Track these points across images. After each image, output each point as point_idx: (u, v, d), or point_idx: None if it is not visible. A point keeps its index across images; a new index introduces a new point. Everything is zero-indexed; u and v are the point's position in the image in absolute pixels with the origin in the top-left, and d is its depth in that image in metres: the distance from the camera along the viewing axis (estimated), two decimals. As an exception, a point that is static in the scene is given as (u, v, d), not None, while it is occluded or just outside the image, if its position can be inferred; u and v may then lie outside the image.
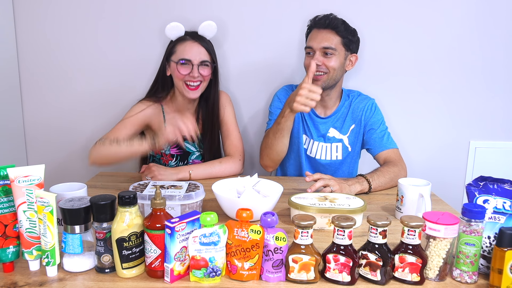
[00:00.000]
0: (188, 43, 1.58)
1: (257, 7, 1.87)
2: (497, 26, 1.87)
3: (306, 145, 1.73)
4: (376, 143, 1.65)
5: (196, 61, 1.55)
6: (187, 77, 1.56)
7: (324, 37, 1.56)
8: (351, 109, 1.69)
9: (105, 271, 0.92)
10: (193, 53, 1.56)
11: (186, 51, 1.56)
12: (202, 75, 1.57)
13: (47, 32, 1.88)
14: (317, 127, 1.70)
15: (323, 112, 1.71)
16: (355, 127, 1.69)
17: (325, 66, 1.56)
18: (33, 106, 1.96)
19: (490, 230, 0.94)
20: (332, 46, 1.55)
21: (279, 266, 0.90)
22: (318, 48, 1.56)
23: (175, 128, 1.36)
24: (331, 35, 1.56)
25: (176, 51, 1.58)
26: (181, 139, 1.37)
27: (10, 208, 0.92)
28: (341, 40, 1.56)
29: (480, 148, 1.99)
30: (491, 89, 1.94)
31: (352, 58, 1.63)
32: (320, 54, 1.56)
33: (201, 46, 1.58)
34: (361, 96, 1.73)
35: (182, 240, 0.88)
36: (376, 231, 0.89)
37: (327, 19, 1.57)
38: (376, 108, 1.70)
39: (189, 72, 1.55)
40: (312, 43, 1.58)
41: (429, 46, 1.89)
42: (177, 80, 1.60)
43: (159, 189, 0.92)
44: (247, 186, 1.23)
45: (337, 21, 1.56)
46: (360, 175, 1.48)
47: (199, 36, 1.61)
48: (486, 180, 0.99)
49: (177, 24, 1.59)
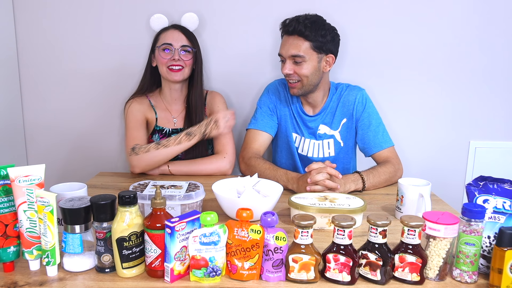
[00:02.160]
0: (170, 30, 1.68)
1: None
2: (497, 26, 1.87)
3: (297, 143, 1.71)
4: (371, 142, 1.63)
5: (177, 45, 1.63)
6: (169, 61, 1.62)
7: (292, 44, 1.51)
8: (340, 102, 1.66)
9: (105, 270, 0.92)
10: (174, 38, 1.64)
11: (168, 37, 1.65)
12: (183, 60, 1.63)
13: (47, 32, 1.88)
14: (307, 125, 1.68)
15: (311, 110, 1.69)
16: (347, 121, 1.66)
17: (296, 74, 1.54)
18: (33, 106, 1.96)
19: (490, 230, 0.94)
20: (300, 53, 1.50)
21: (279, 266, 0.90)
22: (287, 56, 1.53)
23: (227, 125, 1.56)
24: (298, 41, 1.50)
25: (159, 39, 1.68)
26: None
27: (10, 208, 0.92)
28: (310, 44, 1.50)
29: (480, 148, 1.99)
30: (491, 89, 1.94)
31: (329, 59, 1.57)
32: (290, 62, 1.53)
33: (181, 33, 1.66)
34: (350, 87, 1.68)
35: (182, 239, 0.88)
36: (376, 231, 0.89)
37: (292, 24, 1.50)
38: (367, 100, 1.66)
39: (171, 56, 1.62)
40: (281, 51, 1.55)
41: (429, 46, 1.89)
42: (161, 66, 1.66)
43: (159, 189, 0.92)
44: (247, 186, 1.23)
45: (303, 26, 1.49)
46: (357, 172, 1.48)
47: (181, 26, 1.71)
48: (486, 180, 0.99)
49: (160, 15, 1.72)
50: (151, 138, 1.71)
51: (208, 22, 1.87)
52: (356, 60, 1.90)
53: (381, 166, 1.55)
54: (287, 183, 1.43)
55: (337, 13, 1.78)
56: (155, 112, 1.71)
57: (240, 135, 1.97)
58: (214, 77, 1.93)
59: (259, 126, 1.68)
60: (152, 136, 1.72)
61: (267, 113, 1.69)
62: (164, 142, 1.55)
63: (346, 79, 1.85)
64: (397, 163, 1.59)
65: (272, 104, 1.70)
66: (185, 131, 1.57)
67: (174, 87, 1.70)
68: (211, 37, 1.89)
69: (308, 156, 1.70)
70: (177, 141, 1.55)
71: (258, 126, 1.68)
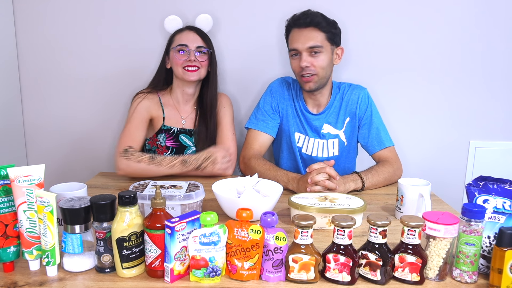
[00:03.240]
0: (185, 31, 1.68)
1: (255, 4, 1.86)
2: (497, 25, 1.87)
3: (301, 143, 1.70)
4: (372, 141, 1.64)
5: (193, 46, 1.63)
6: (185, 62, 1.62)
7: (308, 36, 1.51)
8: (344, 101, 1.66)
9: (105, 271, 0.92)
10: (190, 40, 1.64)
11: (183, 38, 1.65)
12: (199, 60, 1.63)
13: (47, 32, 1.88)
14: (311, 124, 1.68)
15: (316, 109, 1.69)
16: (350, 120, 1.67)
17: (313, 67, 1.53)
18: (33, 106, 1.96)
19: (490, 230, 0.94)
20: (319, 43, 1.51)
21: (279, 266, 0.90)
22: (304, 49, 1.52)
23: (223, 165, 1.56)
24: (314, 32, 1.51)
25: (174, 40, 1.67)
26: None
27: (10, 208, 0.92)
28: (325, 35, 1.52)
29: (480, 148, 1.99)
30: (491, 89, 1.94)
31: (338, 52, 1.60)
32: (307, 54, 1.52)
33: (196, 34, 1.66)
34: (352, 86, 1.69)
35: (182, 240, 0.88)
36: (376, 231, 0.89)
37: (307, 16, 1.52)
38: (369, 99, 1.67)
39: (186, 57, 1.62)
40: (296, 45, 1.53)
41: (429, 46, 1.89)
42: (176, 67, 1.65)
43: (159, 189, 0.92)
44: (247, 186, 1.23)
45: (317, 17, 1.51)
46: (355, 173, 1.49)
47: (195, 27, 1.71)
48: (486, 180, 0.99)
49: (175, 17, 1.72)
50: (156, 137, 1.70)
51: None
52: (356, 60, 1.90)
53: (379, 166, 1.56)
54: (288, 183, 1.43)
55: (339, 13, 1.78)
56: (163, 110, 1.70)
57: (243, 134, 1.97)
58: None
59: (260, 127, 1.67)
60: (157, 135, 1.70)
61: (269, 113, 1.69)
62: (159, 160, 1.51)
63: (346, 79, 1.85)
64: (397, 162, 1.60)
65: (275, 102, 1.69)
66: (182, 157, 1.53)
67: (187, 88, 1.69)
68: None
69: (312, 155, 1.70)
70: (170, 164, 1.51)
71: (259, 127, 1.67)
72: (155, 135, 1.70)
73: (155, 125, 1.70)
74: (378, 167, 1.55)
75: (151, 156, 1.52)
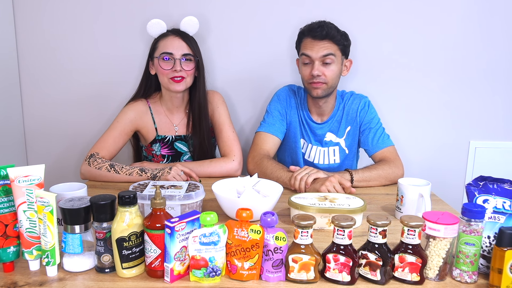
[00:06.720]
0: (170, 37, 1.59)
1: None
2: (497, 25, 1.87)
3: (304, 149, 1.73)
4: (372, 144, 1.66)
5: (178, 55, 1.56)
6: (170, 72, 1.56)
7: (322, 47, 1.54)
8: (345, 111, 1.69)
9: (105, 271, 0.92)
10: (175, 47, 1.56)
11: (168, 45, 1.57)
12: (185, 70, 1.57)
13: (47, 31, 1.88)
14: (314, 132, 1.71)
15: (320, 118, 1.71)
16: (351, 128, 1.70)
17: (324, 76, 1.55)
18: (33, 106, 1.96)
19: (490, 230, 0.94)
20: (332, 52, 1.54)
21: (279, 266, 0.90)
22: (318, 58, 1.54)
23: (177, 176, 1.44)
24: (328, 44, 1.54)
25: (158, 47, 1.60)
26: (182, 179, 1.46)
27: (10, 208, 0.92)
28: (338, 47, 1.56)
29: (480, 148, 1.99)
30: (491, 89, 1.94)
31: (347, 64, 1.64)
32: (319, 64, 1.54)
33: (182, 40, 1.58)
34: (354, 95, 1.72)
35: (182, 240, 0.88)
36: (376, 231, 0.89)
37: (322, 29, 1.53)
38: (369, 106, 1.69)
39: (172, 66, 1.56)
40: (310, 52, 1.54)
41: (429, 46, 1.89)
42: (161, 77, 1.60)
43: (159, 189, 0.92)
44: (247, 186, 1.23)
45: (332, 30, 1.54)
46: (346, 170, 1.51)
47: (181, 32, 1.62)
48: (486, 180, 0.99)
49: (158, 20, 1.61)
50: (151, 147, 1.69)
51: (212, 25, 1.86)
52: (356, 60, 1.89)
53: (374, 164, 1.60)
54: None
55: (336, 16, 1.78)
56: (154, 121, 1.67)
57: (247, 139, 1.98)
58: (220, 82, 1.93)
59: (269, 130, 1.68)
60: (152, 145, 1.69)
61: (278, 118, 1.70)
62: (117, 168, 1.49)
63: (346, 79, 1.86)
64: (395, 161, 1.60)
65: (283, 109, 1.71)
66: (140, 167, 1.50)
67: (175, 95, 1.66)
68: (215, 41, 1.88)
69: (314, 162, 1.72)
70: (128, 172, 1.48)
71: (268, 129, 1.68)
72: (149, 145, 1.69)
73: (146, 135, 1.68)
74: (372, 164, 1.59)
75: (110, 164, 1.50)
